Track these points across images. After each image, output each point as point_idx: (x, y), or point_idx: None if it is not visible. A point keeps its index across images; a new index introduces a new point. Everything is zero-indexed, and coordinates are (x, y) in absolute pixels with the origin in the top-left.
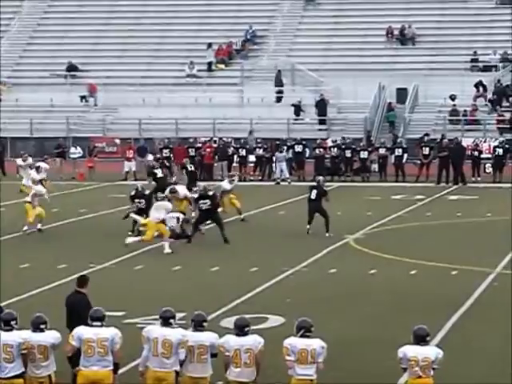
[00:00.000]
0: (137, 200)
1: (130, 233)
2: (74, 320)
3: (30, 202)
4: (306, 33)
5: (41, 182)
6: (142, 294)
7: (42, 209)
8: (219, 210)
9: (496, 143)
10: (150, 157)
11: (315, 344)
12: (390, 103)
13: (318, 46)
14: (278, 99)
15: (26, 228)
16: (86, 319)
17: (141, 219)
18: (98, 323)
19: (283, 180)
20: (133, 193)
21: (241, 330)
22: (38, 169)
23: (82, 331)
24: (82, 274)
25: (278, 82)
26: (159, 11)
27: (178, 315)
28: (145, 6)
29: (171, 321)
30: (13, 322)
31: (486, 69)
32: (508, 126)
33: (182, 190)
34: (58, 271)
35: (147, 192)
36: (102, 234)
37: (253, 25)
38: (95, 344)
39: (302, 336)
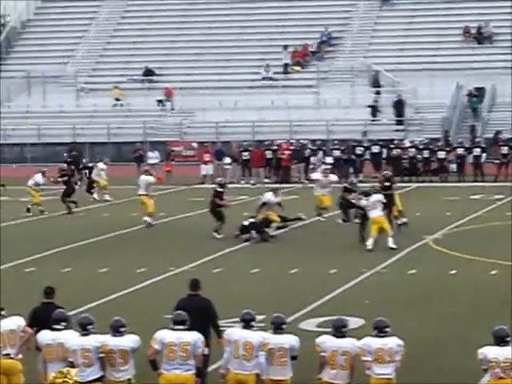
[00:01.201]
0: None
1: (216, 234)
2: (199, 323)
3: (145, 195)
4: (382, 33)
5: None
6: (221, 297)
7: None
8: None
9: None
10: (228, 160)
11: (391, 343)
12: (469, 91)
13: (394, 47)
14: (375, 101)
15: (148, 220)
16: (210, 321)
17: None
18: (181, 327)
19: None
20: (220, 189)
21: (338, 330)
22: (43, 173)
23: (164, 335)
24: (193, 278)
25: (375, 83)
26: (235, 14)
27: (258, 318)
28: (220, 9)
29: (252, 323)
30: (89, 327)
31: None
32: None
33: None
34: (136, 275)
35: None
36: (181, 237)
37: (328, 26)
38: (177, 348)
39: (376, 336)
